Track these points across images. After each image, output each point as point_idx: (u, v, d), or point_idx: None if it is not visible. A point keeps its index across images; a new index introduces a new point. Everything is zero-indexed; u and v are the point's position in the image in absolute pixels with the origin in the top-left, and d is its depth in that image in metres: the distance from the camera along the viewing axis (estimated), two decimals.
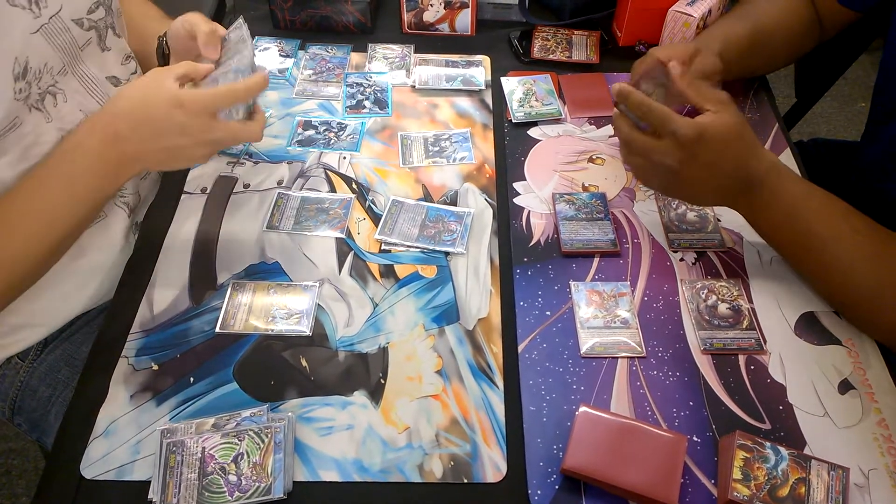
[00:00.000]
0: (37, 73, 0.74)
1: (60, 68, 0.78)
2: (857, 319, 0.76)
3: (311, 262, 0.83)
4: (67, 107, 0.79)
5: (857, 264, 0.73)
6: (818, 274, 0.77)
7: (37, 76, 0.74)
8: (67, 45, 0.78)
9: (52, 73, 0.76)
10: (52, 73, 0.76)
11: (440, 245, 0.84)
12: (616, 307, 0.79)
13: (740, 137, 0.73)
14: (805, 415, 0.70)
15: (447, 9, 1.13)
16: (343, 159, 0.96)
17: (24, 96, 0.73)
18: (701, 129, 0.71)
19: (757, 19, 0.96)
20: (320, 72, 1.08)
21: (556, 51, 1.12)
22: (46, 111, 0.76)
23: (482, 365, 0.74)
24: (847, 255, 0.73)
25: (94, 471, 0.66)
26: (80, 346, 0.88)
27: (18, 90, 0.71)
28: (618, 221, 0.88)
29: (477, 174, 0.94)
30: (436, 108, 1.04)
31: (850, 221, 0.74)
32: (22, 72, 0.71)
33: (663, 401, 0.71)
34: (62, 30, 0.77)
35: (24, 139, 0.74)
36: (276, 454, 0.65)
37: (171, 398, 0.71)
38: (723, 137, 0.72)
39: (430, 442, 0.69)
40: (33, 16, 0.73)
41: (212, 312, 0.78)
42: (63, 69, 0.78)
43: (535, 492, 0.65)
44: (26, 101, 0.73)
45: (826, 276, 0.76)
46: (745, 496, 0.61)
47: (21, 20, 0.71)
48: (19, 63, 0.71)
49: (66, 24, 0.77)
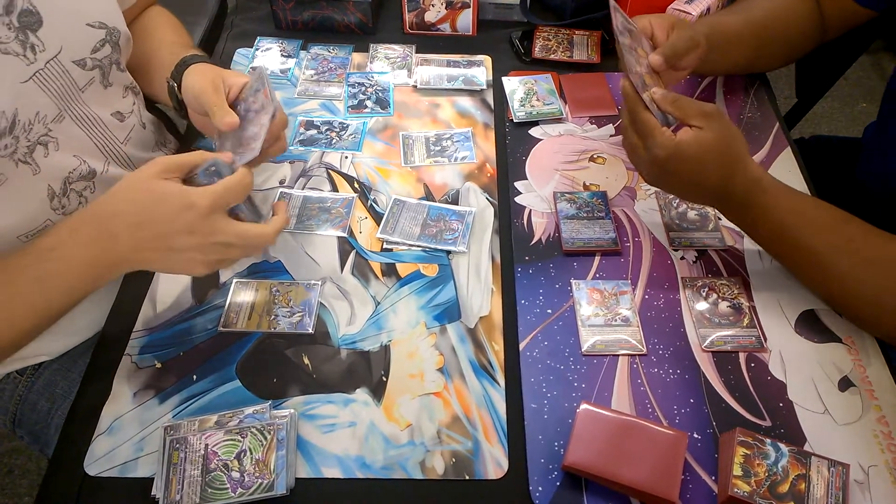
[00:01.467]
0: (26, 126, 0.69)
1: (56, 115, 0.73)
2: (858, 321, 0.76)
3: (313, 261, 0.84)
4: (59, 156, 0.74)
5: (854, 272, 0.72)
6: (816, 283, 0.77)
7: (26, 128, 0.69)
8: (65, 89, 0.74)
9: (44, 122, 0.72)
10: (46, 121, 0.72)
11: (442, 244, 0.85)
12: (617, 305, 0.79)
13: (720, 154, 0.72)
14: (805, 412, 0.70)
15: (448, 9, 1.14)
16: (345, 159, 0.96)
17: (10, 151, 0.68)
18: (673, 148, 0.71)
19: (751, 12, 0.96)
20: (322, 72, 1.09)
21: (557, 51, 1.12)
22: (35, 163, 0.71)
23: (484, 362, 0.75)
24: (843, 264, 0.72)
25: (98, 468, 0.67)
26: (77, 359, 0.87)
27: (4, 146, 0.67)
28: (619, 220, 0.88)
29: (478, 173, 0.94)
30: (437, 108, 1.04)
31: (845, 231, 0.74)
32: (9, 126, 0.67)
33: (664, 398, 0.72)
34: (60, 73, 0.72)
35: (10, 194, 0.69)
36: (279, 451, 0.66)
37: (174, 396, 0.72)
38: (697, 155, 0.71)
39: (431, 439, 0.69)
40: (26, 63, 0.69)
41: (215, 311, 0.79)
42: (59, 115, 0.74)
43: (537, 488, 0.66)
44: (12, 156, 0.68)
45: (825, 285, 0.76)
46: (745, 493, 0.61)
47: (11, 69, 0.67)
48: (6, 117, 0.66)
49: (65, 67, 0.73)
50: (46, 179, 0.74)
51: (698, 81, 1.07)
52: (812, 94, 1.32)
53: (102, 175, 0.81)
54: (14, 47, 0.68)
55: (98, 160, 0.81)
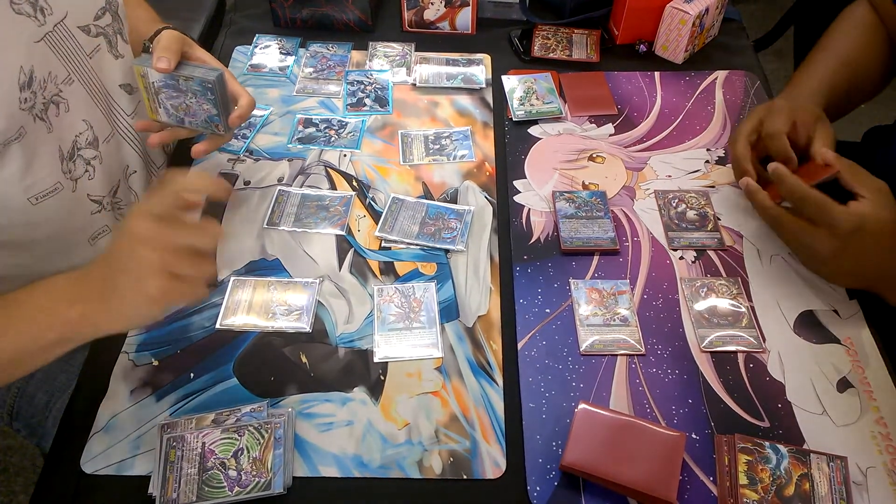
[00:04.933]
0: (41, 83, 0.72)
1: (65, 77, 0.76)
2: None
3: (311, 259, 0.83)
4: (69, 117, 0.77)
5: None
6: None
7: (41, 85, 0.72)
8: (72, 53, 0.77)
9: (55, 83, 0.75)
10: (56, 82, 0.75)
11: (440, 242, 0.84)
12: (616, 305, 0.79)
13: (893, 234, 0.72)
14: (804, 413, 0.70)
15: (448, 7, 1.14)
16: (343, 157, 0.96)
17: (30, 106, 0.71)
18: (860, 221, 0.71)
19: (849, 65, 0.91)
20: (321, 69, 1.08)
21: (556, 49, 1.12)
22: (49, 121, 0.75)
23: (482, 362, 0.74)
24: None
25: (95, 466, 0.67)
26: (77, 352, 0.87)
27: (24, 100, 0.70)
28: (618, 220, 0.88)
29: (477, 172, 0.94)
30: (436, 106, 1.04)
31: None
32: (27, 81, 0.70)
33: (662, 398, 0.71)
34: (67, 37, 0.75)
35: (26, 149, 0.71)
36: (276, 450, 0.65)
37: (172, 394, 0.72)
38: (879, 231, 0.71)
39: (429, 438, 0.69)
40: (37, 24, 0.72)
41: (212, 308, 0.78)
42: (68, 78, 0.77)
43: (535, 488, 0.66)
44: (31, 110, 0.72)
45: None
46: (754, 501, 0.61)
47: (26, 29, 0.70)
48: (24, 72, 0.69)
49: (71, 32, 0.76)
50: (58, 140, 0.76)
51: (698, 83, 1.07)
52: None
53: (108, 144, 0.82)
54: (26, 8, 0.70)
55: (104, 128, 0.82)
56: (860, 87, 0.92)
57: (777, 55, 2.32)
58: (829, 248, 0.73)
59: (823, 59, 0.92)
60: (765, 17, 2.53)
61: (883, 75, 0.95)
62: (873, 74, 0.94)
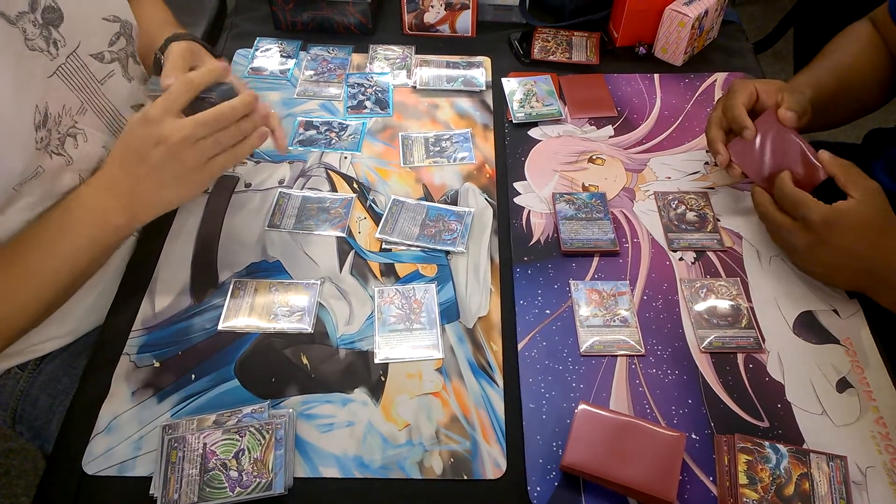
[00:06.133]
0: (56, 118, 0.72)
1: (79, 107, 0.76)
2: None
3: (312, 261, 0.84)
4: (89, 146, 0.78)
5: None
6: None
7: (56, 121, 0.72)
8: (85, 83, 0.76)
9: (70, 115, 0.75)
10: (71, 114, 0.75)
11: (440, 244, 0.85)
12: (615, 306, 0.79)
13: (880, 231, 0.73)
14: (803, 413, 0.71)
15: (448, 10, 1.14)
16: (344, 159, 0.96)
17: (45, 144, 0.71)
18: (834, 215, 0.73)
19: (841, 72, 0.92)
20: (322, 72, 1.09)
21: (556, 52, 1.12)
22: (67, 154, 0.75)
23: (482, 363, 0.75)
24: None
25: (96, 467, 0.67)
26: (79, 355, 0.87)
27: (40, 139, 0.70)
28: (617, 221, 0.88)
29: (477, 174, 0.94)
30: (436, 109, 1.04)
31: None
32: (42, 120, 0.70)
33: (662, 399, 0.72)
34: (79, 67, 0.75)
35: (44, 184, 0.72)
36: (277, 450, 0.66)
37: (173, 395, 0.72)
38: (857, 226, 0.73)
39: (430, 439, 0.69)
40: (50, 58, 0.71)
41: (213, 310, 0.79)
42: (82, 108, 0.77)
43: (535, 488, 0.66)
44: (47, 148, 0.72)
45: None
46: (754, 501, 0.61)
47: (39, 65, 0.70)
48: (39, 111, 0.69)
49: (84, 61, 0.76)
50: (78, 170, 0.76)
51: (697, 85, 1.07)
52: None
53: None
54: (39, 43, 0.70)
55: None
56: (853, 95, 0.94)
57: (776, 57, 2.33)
58: (804, 240, 0.76)
59: (817, 62, 0.95)
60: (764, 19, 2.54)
61: (882, 90, 0.97)
62: (870, 85, 0.95)
